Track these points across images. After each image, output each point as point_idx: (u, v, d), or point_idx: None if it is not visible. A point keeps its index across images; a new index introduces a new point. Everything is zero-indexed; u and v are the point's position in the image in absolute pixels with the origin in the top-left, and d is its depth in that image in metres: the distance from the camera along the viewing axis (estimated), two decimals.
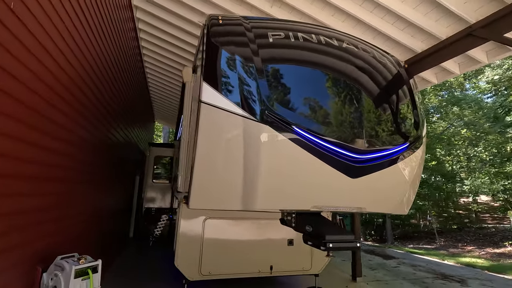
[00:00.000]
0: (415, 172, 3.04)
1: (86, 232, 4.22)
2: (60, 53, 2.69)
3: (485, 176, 10.69)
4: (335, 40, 2.98)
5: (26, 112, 2.24)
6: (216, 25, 2.92)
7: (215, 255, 4.42)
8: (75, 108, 3.26)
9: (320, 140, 2.46)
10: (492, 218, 16.13)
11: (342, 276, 6.13)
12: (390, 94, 3.02)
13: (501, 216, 15.71)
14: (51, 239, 2.91)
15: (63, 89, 2.85)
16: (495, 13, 3.76)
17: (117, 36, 4.84)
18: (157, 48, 7.64)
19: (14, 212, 2.22)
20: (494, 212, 16.13)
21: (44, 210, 2.73)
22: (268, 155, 2.46)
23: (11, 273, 2.22)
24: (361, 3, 4.55)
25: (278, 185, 2.54)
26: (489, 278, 6.77)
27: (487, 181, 10.39)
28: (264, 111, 2.46)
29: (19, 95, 2.11)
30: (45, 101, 2.50)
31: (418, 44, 4.92)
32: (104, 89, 4.34)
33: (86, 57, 3.40)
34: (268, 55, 2.73)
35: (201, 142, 2.60)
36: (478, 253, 9.87)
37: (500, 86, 15.31)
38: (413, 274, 6.79)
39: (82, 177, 3.85)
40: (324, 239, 2.61)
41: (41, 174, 2.62)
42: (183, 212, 4.42)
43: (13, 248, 2.23)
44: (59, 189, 3.05)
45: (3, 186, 2.03)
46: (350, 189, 2.67)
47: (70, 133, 3.24)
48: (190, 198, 2.72)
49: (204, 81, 2.68)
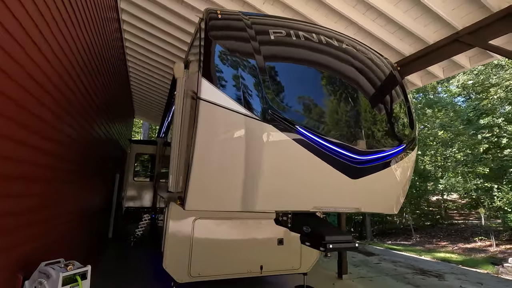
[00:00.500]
0: (408, 173, 3.11)
1: (69, 235, 3.97)
2: (47, 45, 2.47)
3: (458, 175, 11.31)
4: (335, 41, 2.97)
5: (16, 110, 2.04)
6: (214, 19, 2.82)
7: (204, 256, 4.32)
8: (61, 104, 3.02)
9: (323, 140, 2.43)
10: (459, 214, 17.10)
11: (327, 274, 6.22)
12: (387, 96, 3.06)
13: (467, 212, 16.74)
14: (33, 244, 2.69)
15: (50, 84, 2.62)
16: (481, 21, 3.93)
17: (100, 27, 4.54)
18: (140, 41, 7.33)
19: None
20: (461, 209, 17.13)
21: (29, 212, 2.52)
22: (271, 155, 2.40)
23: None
24: (355, 5, 4.60)
25: (280, 186, 2.50)
26: (463, 272, 7.15)
27: (460, 180, 10.99)
28: (267, 109, 2.40)
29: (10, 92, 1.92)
30: (34, 98, 2.28)
31: (406, 48, 5.05)
32: (88, 83, 4.06)
33: (71, 48, 3.15)
34: (269, 52, 2.67)
35: (200, 140, 2.49)
36: (452, 248, 10.42)
37: (470, 90, 16.29)
38: (394, 270, 7.03)
39: (66, 176, 3.61)
40: (324, 240, 2.60)
41: (27, 173, 2.41)
42: (172, 212, 4.27)
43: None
44: (43, 189, 2.83)
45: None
46: (349, 190, 2.67)
47: (56, 130, 3.01)
48: (187, 199, 2.61)
49: (203, 77, 2.57)
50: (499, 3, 3.75)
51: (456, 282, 6.25)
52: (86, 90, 3.97)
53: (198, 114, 2.49)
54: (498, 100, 10.53)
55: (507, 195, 9.30)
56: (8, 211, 2.22)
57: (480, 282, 6.35)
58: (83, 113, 3.99)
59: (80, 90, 3.68)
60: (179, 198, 2.95)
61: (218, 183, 2.57)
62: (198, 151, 2.49)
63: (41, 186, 2.86)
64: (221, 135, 2.50)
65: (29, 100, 2.27)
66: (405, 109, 3.16)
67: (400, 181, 3.05)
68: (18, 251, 2.42)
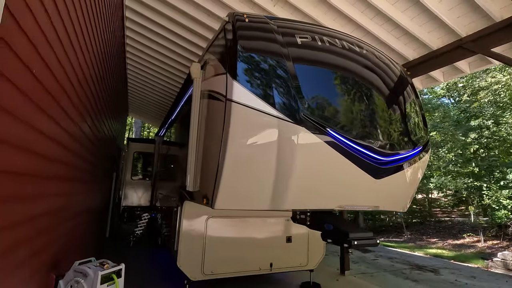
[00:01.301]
0: (421, 174, 3.28)
1: (83, 235, 3.95)
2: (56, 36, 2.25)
3: (448, 174, 11.81)
4: (356, 46, 3.10)
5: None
6: (242, 22, 2.88)
7: (217, 254, 4.39)
8: (59, 99, 2.49)
9: (351, 142, 2.56)
10: (442, 212, 17.79)
11: (329, 271, 6.39)
12: (404, 100, 3.22)
13: (449, 210, 17.44)
14: (61, 243, 2.70)
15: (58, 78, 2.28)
16: (484, 29, 4.16)
17: (104, 21, 4.31)
18: (141, 38, 7.23)
19: (39, 214, 2.03)
20: (444, 207, 17.85)
21: (60, 211, 2.52)
22: (303, 156, 2.50)
23: (29, 284, 2.03)
24: (363, 10, 4.75)
25: (309, 186, 2.60)
26: (456, 267, 7.51)
27: (451, 180, 11.46)
28: (300, 112, 2.49)
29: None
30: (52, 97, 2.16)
31: (410, 52, 5.26)
32: (90, 76, 3.75)
33: (71, 39, 2.63)
34: (298, 55, 2.76)
35: (232, 142, 2.55)
36: (442, 244, 10.87)
37: (454, 92, 16.92)
38: (392, 266, 7.29)
39: (81, 175, 3.59)
40: (348, 237, 2.72)
41: (58, 173, 2.41)
42: (186, 212, 4.31)
43: (30, 256, 2.03)
44: (69, 189, 2.82)
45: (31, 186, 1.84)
46: (372, 189, 2.81)
47: (77, 128, 3.00)
48: (217, 198, 2.67)
49: (233, 79, 2.63)
50: (502, 13, 3.98)
51: (451, 276, 6.57)
52: (87, 84, 3.43)
53: (231, 116, 2.54)
54: (488, 103, 11.09)
55: (496, 194, 9.79)
56: (45, 211, 2.23)
57: (473, 276, 6.70)
58: (82, 109, 3.71)
59: (81, 83, 3.13)
60: (204, 198, 3.00)
61: (249, 183, 2.65)
62: (230, 152, 2.55)
63: (68, 185, 2.86)
64: (253, 137, 2.57)
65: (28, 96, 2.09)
66: (420, 113, 3.33)
67: (415, 181, 3.22)
68: (51, 251, 2.44)
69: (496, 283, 6.23)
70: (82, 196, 3.76)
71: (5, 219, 1.54)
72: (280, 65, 2.67)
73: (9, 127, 1.51)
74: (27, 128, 1.75)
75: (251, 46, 2.76)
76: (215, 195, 2.71)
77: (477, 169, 11.00)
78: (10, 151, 1.55)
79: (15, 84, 1.51)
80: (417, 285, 5.75)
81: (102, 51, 4.14)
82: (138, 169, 10.19)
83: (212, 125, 3.17)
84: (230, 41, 2.87)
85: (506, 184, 9.70)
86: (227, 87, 2.70)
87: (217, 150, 2.71)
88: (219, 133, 2.73)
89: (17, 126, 1.60)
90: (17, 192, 1.70)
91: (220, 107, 2.81)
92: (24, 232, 1.85)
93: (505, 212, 9.66)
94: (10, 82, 1.45)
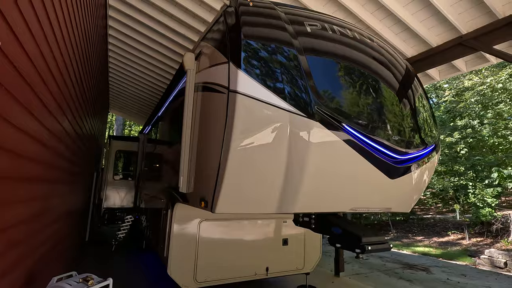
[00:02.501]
0: (432, 172, 3.14)
1: (60, 243, 3.53)
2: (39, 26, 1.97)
3: (435, 173, 12.05)
4: (367, 38, 2.90)
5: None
6: (246, 6, 2.61)
7: (210, 259, 4.09)
8: (38, 94, 2.31)
9: (369, 139, 2.34)
10: (420, 210, 18.28)
11: (324, 272, 6.24)
12: (417, 96, 3.06)
13: (428, 208, 17.95)
14: (36, 255, 2.31)
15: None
16: (486, 26, 4.09)
17: (85, 11, 3.90)
18: (125, 29, 6.75)
19: (11, 224, 1.66)
20: (423, 204, 18.35)
21: (34, 219, 2.14)
22: (317, 154, 2.26)
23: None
24: (364, 4, 4.59)
25: (322, 187, 2.37)
26: (445, 265, 7.58)
27: (439, 179, 11.70)
28: (314, 106, 2.25)
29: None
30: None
31: (409, 50, 5.17)
32: (72, 69, 3.40)
33: (54, 29, 2.43)
34: (308, 44, 2.52)
35: (236, 138, 2.26)
36: (428, 242, 11.05)
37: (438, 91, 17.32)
38: (384, 265, 7.25)
39: (59, 176, 3.18)
40: (361, 241, 2.51)
41: (31, 174, 2.04)
42: (177, 215, 3.98)
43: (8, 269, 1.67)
44: (45, 191, 2.44)
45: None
46: (386, 190, 2.63)
47: (50, 121, 2.61)
48: (218, 202, 2.39)
49: (238, 68, 2.34)
50: (504, 10, 3.92)
51: (442, 275, 6.59)
52: (63, 79, 2.92)
53: (235, 110, 2.26)
54: (475, 103, 11.40)
55: (482, 192, 10.05)
56: (19, 219, 1.86)
57: (463, 274, 6.76)
58: (62, 102, 3.29)
59: (63, 75, 2.79)
60: (202, 201, 2.70)
61: (254, 184, 2.38)
62: (234, 150, 2.27)
63: (46, 188, 2.48)
64: (261, 133, 2.29)
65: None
66: (431, 111, 3.19)
67: (426, 180, 3.07)
68: (25, 266, 2.06)
69: (487, 280, 6.30)
70: (62, 199, 3.35)
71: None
72: (289, 54, 2.42)
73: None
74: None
75: (256, 32, 2.48)
76: (215, 198, 2.42)
77: (463, 168, 11.28)
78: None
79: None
80: (411, 285, 5.70)
81: (83, 43, 3.72)
82: (121, 169, 9.64)
83: (210, 120, 2.87)
84: (233, 27, 2.58)
85: (491, 183, 10.00)
86: (229, 77, 2.41)
87: (218, 148, 2.42)
88: (220, 129, 2.44)
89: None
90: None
91: (221, 100, 2.51)
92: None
93: (489, 210, 9.95)
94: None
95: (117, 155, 9.37)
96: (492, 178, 9.67)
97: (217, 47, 2.97)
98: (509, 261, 7.45)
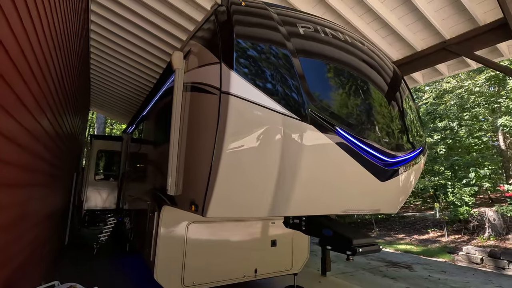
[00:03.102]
0: (419, 174, 3.21)
1: (39, 249, 3.35)
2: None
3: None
4: (358, 42, 2.93)
5: None
6: (239, 6, 2.56)
7: (198, 262, 4.02)
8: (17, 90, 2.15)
9: (361, 142, 2.36)
10: (400, 208, 18.93)
11: (310, 272, 6.29)
12: (407, 100, 3.12)
13: (407, 206, 18.58)
14: (13, 264, 2.17)
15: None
16: (468, 32, 4.24)
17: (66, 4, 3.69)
18: (108, 24, 6.51)
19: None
20: (404, 203, 18.98)
21: (13, 225, 2.01)
22: (310, 157, 2.24)
23: None
24: (352, 6, 4.64)
25: (315, 191, 2.36)
26: (427, 262, 7.85)
27: (420, 178, 12.11)
28: (307, 108, 2.23)
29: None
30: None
31: (394, 53, 5.28)
32: (52, 63, 3.21)
33: (33, 20, 2.08)
34: (301, 46, 2.50)
35: (228, 141, 2.22)
36: (409, 240, 11.41)
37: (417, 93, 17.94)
38: (368, 264, 7.41)
39: (37, 178, 3.01)
40: (352, 244, 2.53)
41: (8, 177, 1.90)
42: (164, 217, 3.88)
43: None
44: (17, 197, 2.29)
45: None
46: (377, 192, 2.66)
47: (29, 121, 2.46)
48: (210, 206, 2.33)
49: (231, 69, 2.30)
50: (485, 17, 4.08)
51: (424, 272, 6.81)
52: (42, 74, 2.68)
53: (228, 112, 2.21)
54: (454, 106, 11.89)
55: (460, 191, 10.49)
56: None
57: (443, 270, 7.02)
58: (41, 99, 3.07)
59: (42, 69, 2.56)
60: (192, 204, 2.63)
61: (246, 188, 2.34)
62: (226, 153, 2.22)
63: (24, 192, 2.33)
64: (253, 135, 2.25)
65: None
66: (417, 115, 3.26)
67: (412, 182, 3.13)
68: (2, 275, 1.92)
69: (465, 276, 6.57)
70: (41, 203, 3.17)
71: None
72: (282, 55, 2.39)
73: None
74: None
75: (249, 32, 2.44)
76: (207, 201, 2.36)
77: (442, 168, 11.73)
78: None
79: None
80: (395, 282, 5.85)
81: (64, 37, 3.53)
82: (103, 169, 9.32)
83: (200, 121, 2.80)
84: (225, 26, 2.53)
85: (468, 182, 10.46)
86: (221, 78, 2.36)
87: (209, 150, 2.36)
88: (211, 131, 2.38)
89: None
90: None
91: (212, 101, 2.46)
92: None
93: (466, 208, 10.39)
94: None
95: (98, 155, 9.06)
96: (469, 177, 10.10)
97: (208, 46, 2.91)
98: (485, 257, 7.81)
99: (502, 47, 4.54)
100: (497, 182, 16.04)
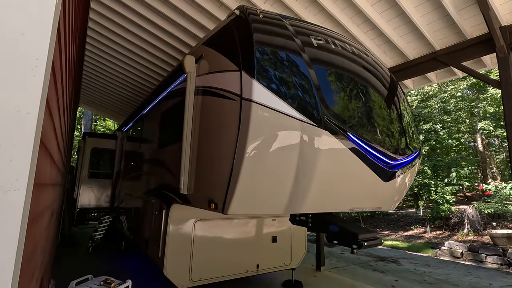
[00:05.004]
0: (415, 175, 3.52)
1: (48, 246, 3.42)
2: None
3: None
4: (363, 53, 3.18)
5: None
6: (257, 17, 2.75)
7: (205, 258, 4.20)
8: None
9: (369, 147, 2.61)
10: None
11: (305, 267, 6.56)
12: (406, 107, 3.41)
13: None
14: (43, 259, 2.28)
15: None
16: (457, 44, 4.61)
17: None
18: (105, 21, 6.51)
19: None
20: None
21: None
22: (324, 160, 2.47)
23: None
24: (351, 16, 4.92)
25: (327, 190, 2.60)
26: (412, 257, 8.33)
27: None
28: (323, 115, 2.46)
29: None
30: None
31: (388, 61, 5.61)
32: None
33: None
34: (316, 56, 2.72)
35: (250, 145, 2.41)
36: (395, 236, 11.98)
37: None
38: (358, 259, 7.79)
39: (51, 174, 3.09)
40: (358, 238, 2.79)
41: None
42: (173, 215, 4.02)
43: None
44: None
45: None
46: (380, 191, 2.93)
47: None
48: (231, 204, 2.52)
49: (252, 78, 2.49)
50: (472, 32, 4.45)
51: (410, 265, 7.26)
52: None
53: (250, 118, 2.40)
54: (438, 110, 12.57)
55: (442, 190, 11.13)
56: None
57: (427, 264, 7.50)
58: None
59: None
60: (212, 203, 2.81)
61: (265, 188, 2.54)
62: (248, 157, 2.41)
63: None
64: (273, 140, 2.46)
65: None
66: (414, 120, 3.57)
67: (408, 182, 3.43)
68: (39, 270, 2.04)
69: (448, 269, 7.05)
70: (52, 200, 3.24)
71: None
72: (299, 64, 2.60)
73: None
74: None
75: (268, 41, 2.64)
76: (227, 200, 2.55)
77: (426, 168, 12.40)
78: None
79: None
80: (385, 275, 6.22)
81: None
82: (97, 167, 9.24)
83: (217, 125, 2.98)
84: (244, 35, 2.71)
85: (450, 181, 11.11)
86: (242, 86, 2.54)
87: (229, 153, 2.55)
88: (231, 135, 2.57)
89: None
90: None
91: (232, 107, 2.64)
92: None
93: (447, 206, 11.05)
94: None
95: (92, 153, 8.98)
96: (451, 177, 10.74)
97: (224, 53, 3.07)
98: (465, 251, 8.38)
99: (486, 59, 4.96)
100: (473, 181, 17.00)
